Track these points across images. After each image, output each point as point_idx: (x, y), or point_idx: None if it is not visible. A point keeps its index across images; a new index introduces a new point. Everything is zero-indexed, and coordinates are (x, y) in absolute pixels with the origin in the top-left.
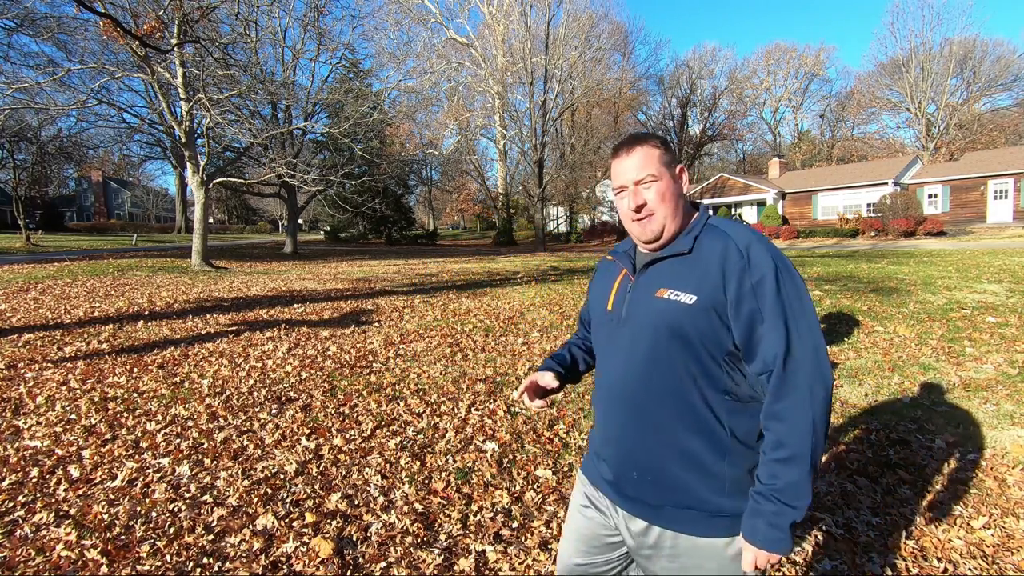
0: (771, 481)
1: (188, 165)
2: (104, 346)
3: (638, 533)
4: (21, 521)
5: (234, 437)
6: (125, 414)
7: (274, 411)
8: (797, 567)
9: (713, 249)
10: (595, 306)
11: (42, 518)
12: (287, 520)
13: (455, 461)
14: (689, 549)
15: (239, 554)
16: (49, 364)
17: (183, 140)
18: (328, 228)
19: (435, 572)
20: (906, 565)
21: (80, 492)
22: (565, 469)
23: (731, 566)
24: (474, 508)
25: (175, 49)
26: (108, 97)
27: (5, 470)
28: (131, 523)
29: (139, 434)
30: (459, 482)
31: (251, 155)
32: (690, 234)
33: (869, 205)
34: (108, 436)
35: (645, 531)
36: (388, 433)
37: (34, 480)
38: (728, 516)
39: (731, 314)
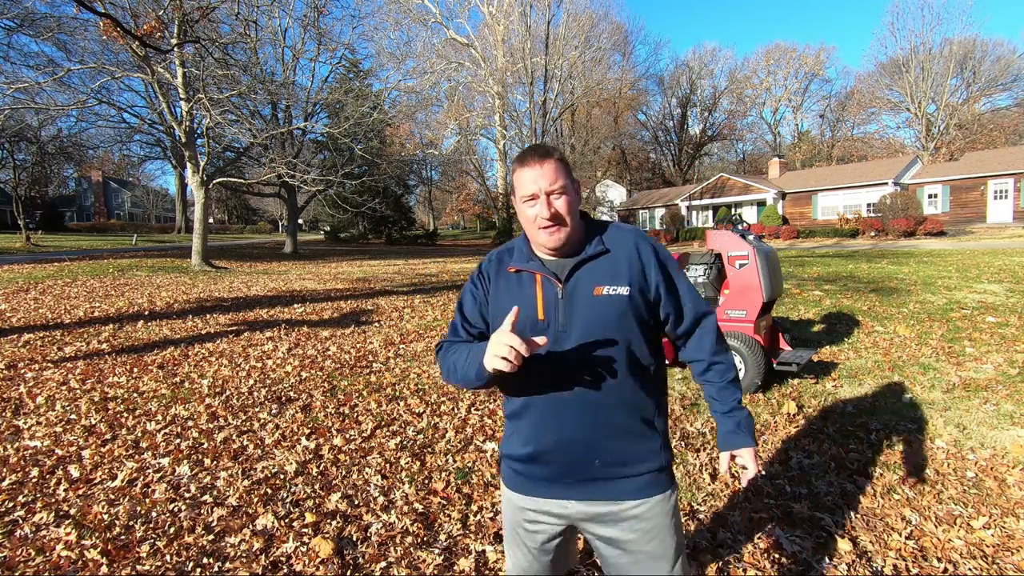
0: (734, 398)
1: (188, 165)
2: (104, 346)
3: (596, 515)
4: (21, 521)
5: (234, 437)
6: (125, 414)
7: (274, 411)
8: (797, 567)
9: (624, 245)
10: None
11: (42, 518)
12: (287, 520)
13: (455, 461)
14: (645, 512)
15: (239, 554)
16: (49, 364)
17: (183, 140)
18: (328, 228)
19: (435, 572)
20: (906, 565)
21: (80, 492)
22: None
23: (672, 514)
24: (474, 508)
25: (175, 49)
26: (108, 97)
27: (5, 470)
28: (131, 523)
29: (139, 434)
30: (459, 482)
31: (251, 155)
32: (597, 236)
33: (869, 205)
34: (108, 436)
35: (604, 510)
36: (388, 433)
37: (34, 480)
38: (665, 472)
39: (661, 292)
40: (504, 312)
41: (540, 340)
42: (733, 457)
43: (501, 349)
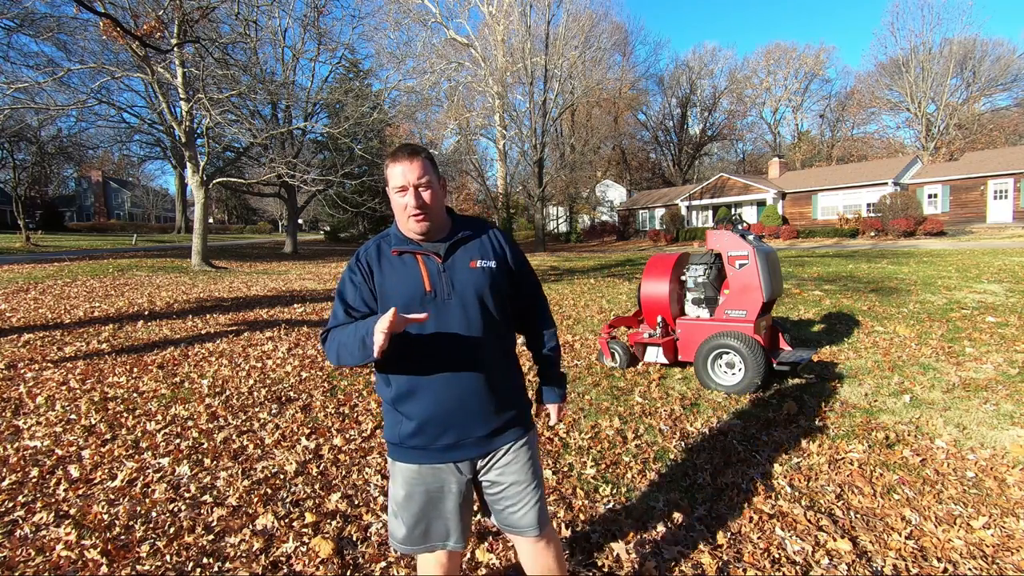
0: (556, 361)
1: (188, 165)
2: (104, 346)
3: (490, 460)
4: (21, 521)
5: (234, 437)
6: (125, 414)
7: (274, 411)
8: (797, 567)
9: (486, 232)
10: (404, 293)
11: (42, 518)
12: (287, 520)
13: None
14: (523, 444)
15: (239, 554)
16: (49, 364)
17: (183, 140)
18: (328, 228)
19: None
20: (906, 565)
21: (80, 492)
22: (565, 469)
23: (535, 445)
24: (473, 508)
25: (175, 49)
26: (108, 97)
27: (5, 470)
28: (131, 523)
29: (139, 434)
30: None
31: (251, 155)
32: (464, 225)
33: (869, 205)
34: (108, 436)
35: (494, 453)
36: None
37: (34, 480)
38: (528, 410)
39: (514, 269)
40: (392, 285)
41: (420, 316)
42: (547, 410)
43: (381, 328)
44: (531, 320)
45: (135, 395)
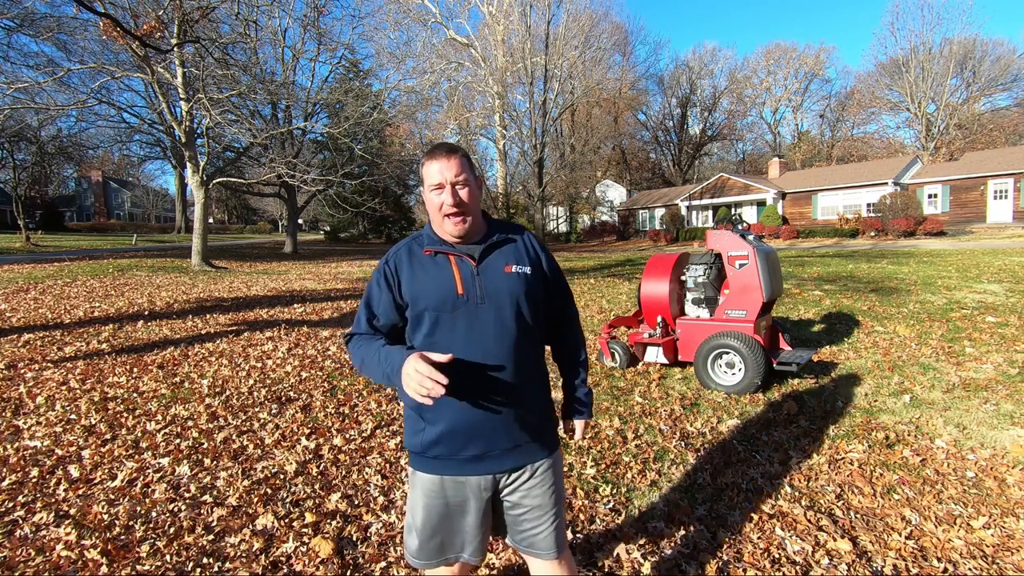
0: (583, 376)
1: (188, 165)
2: (104, 346)
3: (515, 478)
4: (21, 521)
5: (234, 437)
6: (125, 414)
7: (274, 411)
8: (797, 567)
9: (523, 237)
10: (435, 295)
11: (42, 518)
12: (287, 520)
13: None
14: (550, 465)
15: (239, 554)
16: (49, 364)
17: (183, 140)
18: (328, 228)
19: None
20: (906, 565)
21: (80, 492)
22: (565, 469)
23: (559, 470)
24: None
25: (175, 49)
26: (108, 97)
27: (5, 470)
28: (131, 523)
29: (139, 434)
30: None
31: (251, 155)
32: (499, 228)
33: (869, 205)
34: (108, 436)
35: (521, 473)
36: (388, 433)
37: (34, 480)
38: (555, 428)
39: (548, 277)
40: (425, 290)
41: (444, 358)
42: (572, 426)
43: (422, 385)
44: (561, 330)
45: (135, 395)
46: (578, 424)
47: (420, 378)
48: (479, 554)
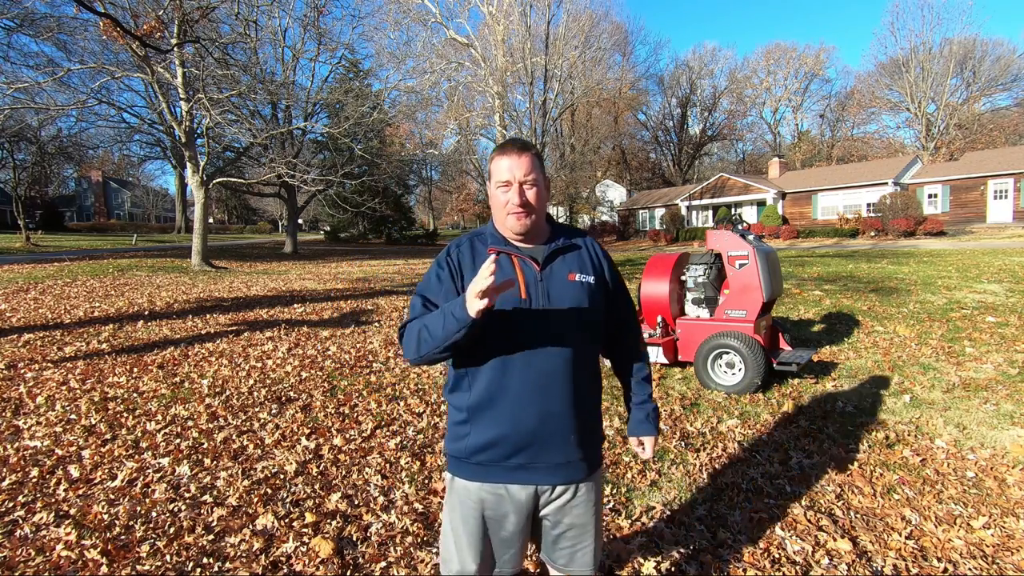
0: (647, 390)
1: (188, 165)
2: (104, 346)
3: (559, 495)
4: (21, 521)
5: (234, 437)
6: (125, 414)
7: (274, 411)
8: (797, 567)
9: (587, 244)
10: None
11: (42, 518)
12: (287, 520)
13: None
14: (592, 486)
15: (239, 554)
16: (49, 364)
17: (183, 140)
18: (328, 228)
19: (434, 572)
20: (906, 565)
21: (80, 492)
22: None
23: (600, 488)
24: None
25: (175, 49)
26: (108, 97)
27: (5, 470)
28: (131, 523)
29: (139, 434)
30: None
31: (251, 155)
32: (564, 233)
33: (869, 205)
34: (108, 436)
35: (565, 491)
36: (388, 433)
37: (34, 480)
38: (601, 452)
39: (610, 287)
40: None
41: (507, 283)
42: (640, 442)
43: (481, 283)
44: (622, 343)
45: (135, 395)
46: (647, 441)
47: (481, 280)
48: (516, 567)
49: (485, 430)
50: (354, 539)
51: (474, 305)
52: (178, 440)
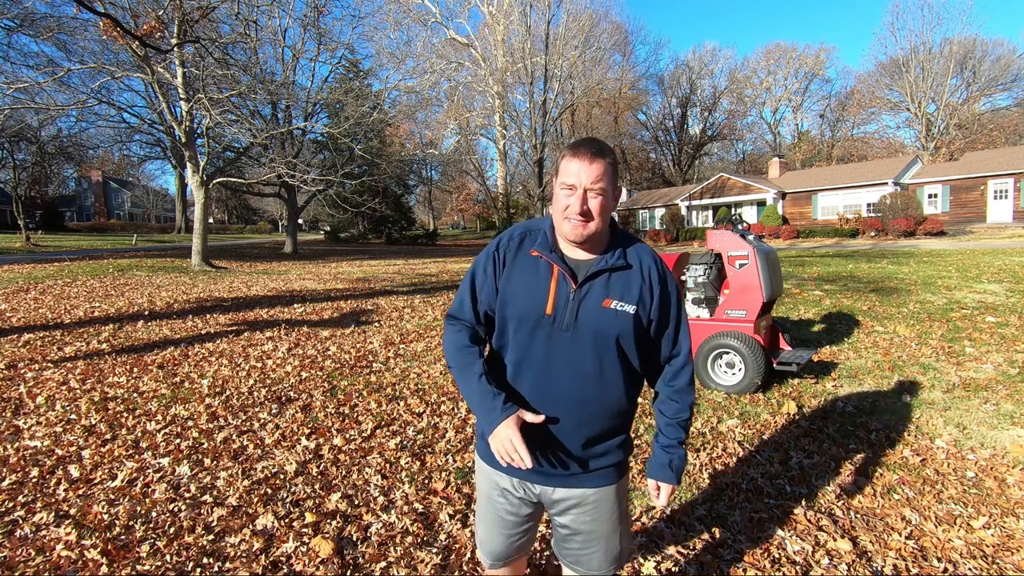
0: (679, 436)
1: (188, 165)
2: (104, 346)
3: (563, 499)
4: (21, 521)
5: (234, 437)
6: (125, 414)
7: (274, 411)
8: (797, 567)
9: (643, 265)
10: (523, 305)
11: (42, 518)
12: (287, 520)
13: (455, 461)
14: (603, 498)
15: (239, 554)
16: (49, 364)
17: (183, 140)
18: (328, 228)
19: (434, 572)
20: (906, 565)
21: (80, 492)
22: None
23: (623, 496)
24: (474, 508)
25: (175, 49)
26: (108, 97)
27: (5, 470)
28: (131, 523)
29: (139, 434)
30: (459, 482)
31: (251, 155)
32: (619, 247)
33: (869, 205)
34: (108, 436)
35: (569, 496)
36: (388, 433)
37: (34, 480)
38: (624, 462)
39: (655, 319)
40: (516, 290)
41: (539, 419)
42: (658, 487)
43: (509, 455)
44: (664, 378)
45: (135, 395)
46: (664, 489)
47: (511, 448)
48: (524, 552)
49: None
50: (354, 539)
51: (495, 447)
52: (178, 440)
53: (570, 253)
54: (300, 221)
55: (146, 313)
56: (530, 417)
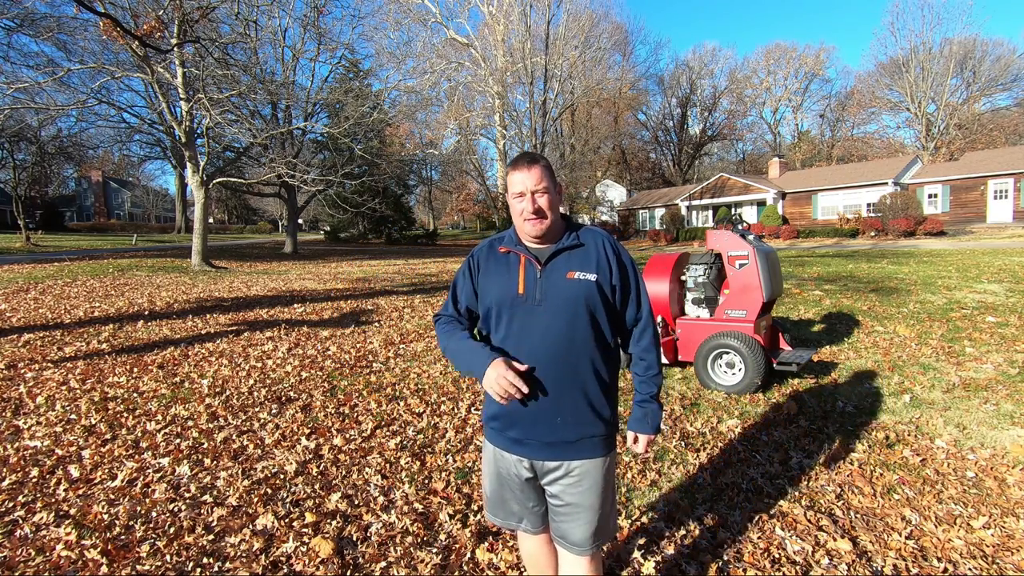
0: (650, 390)
1: (188, 165)
2: (104, 346)
3: (551, 470)
4: (21, 521)
5: (234, 437)
6: (125, 414)
7: (274, 411)
8: (797, 567)
9: (595, 242)
10: (498, 292)
11: (42, 518)
12: (287, 520)
13: (455, 461)
14: (589, 469)
15: (239, 554)
16: (49, 364)
17: (183, 140)
18: (328, 228)
19: (434, 572)
20: (906, 565)
21: (80, 492)
22: None
23: (608, 473)
24: (474, 508)
25: (175, 49)
26: (108, 97)
27: (5, 470)
28: (131, 523)
29: (139, 434)
30: (459, 482)
31: (251, 155)
32: (574, 232)
33: (869, 205)
34: (108, 436)
35: (557, 467)
36: (388, 433)
37: (34, 480)
38: (607, 437)
39: (616, 286)
40: (492, 284)
41: (523, 367)
42: (636, 438)
43: (505, 389)
44: (631, 341)
45: (135, 395)
46: (642, 438)
47: (505, 384)
48: (533, 525)
49: (490, 404)
50: (354, 539)
51: (490, 389)
52: (178, 440)
53: (533, 246)
54: (300, 221)
55: (146, 313)
56: (516, 364)
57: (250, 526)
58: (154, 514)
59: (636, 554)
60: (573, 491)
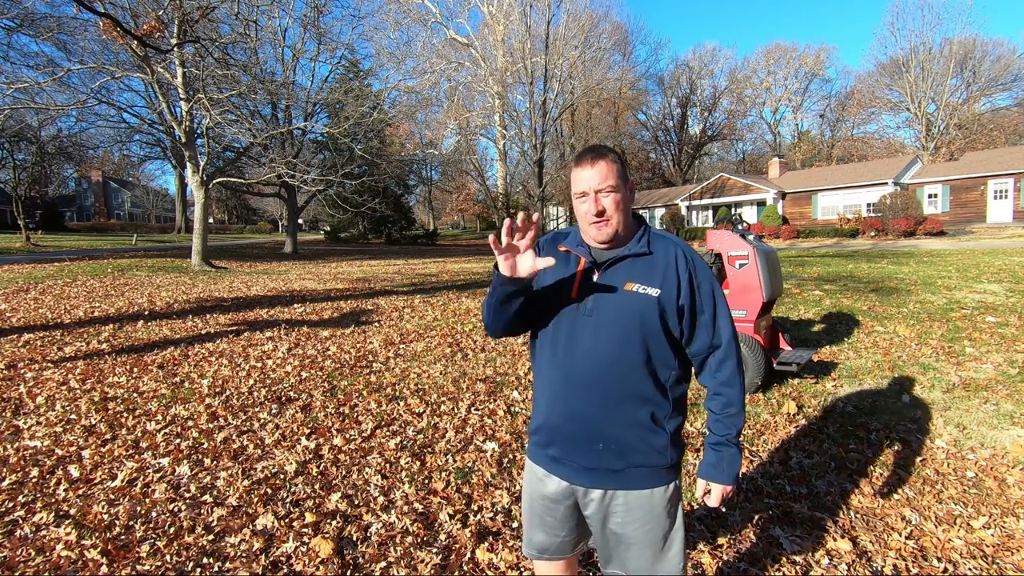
0: (728, 432)
1: (188, 165)
2: (104, 346)
3: (596, 500)
4: (21, 521)
5: (234, 437)
6: (125, 414)
7: (274, 411)
8: (797, 567)
9: (667, 252)
10: (551, 290)
11: (42, 518)
12: (287, 520)
13: (455, 461)
14: (641, 501)
15: (239, 554)
16: (49, 364)
17: (183, 140)
18: (328, 228)
19: (434, 572)
20: (906, 565)
21: (80, 492)
22: None
23: (668, 507)
24: (474, 508)
25: (175, 49)
26: (108, 97)
27: (5, 470)
28: (131, 523)
29: (139, 434)
30: (459, 482)
31: (251, 155)
32: (643, 238)
33: (869, 205)
34: (108, 436)
35: (602, 497)
36: (388, 433)
37: (34, 480)
38: (667, 468)
39: (684, 306)
40: (548, 277)
41: (546, 262)
42: (708, 488)
43: (501, 250)
44: (704, 371)
45: (135, 395)
46: (715, 489)
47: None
48: (563, 554)
49: (535, 415)
50: (354, 539)
51: (502, 265)
52: (178, 440)
53: (596, 248)
54: (300, 221)
55: (146, 313)
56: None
57: (250, 526)
58: (154, 514)
59: None
60: (616, 520)
